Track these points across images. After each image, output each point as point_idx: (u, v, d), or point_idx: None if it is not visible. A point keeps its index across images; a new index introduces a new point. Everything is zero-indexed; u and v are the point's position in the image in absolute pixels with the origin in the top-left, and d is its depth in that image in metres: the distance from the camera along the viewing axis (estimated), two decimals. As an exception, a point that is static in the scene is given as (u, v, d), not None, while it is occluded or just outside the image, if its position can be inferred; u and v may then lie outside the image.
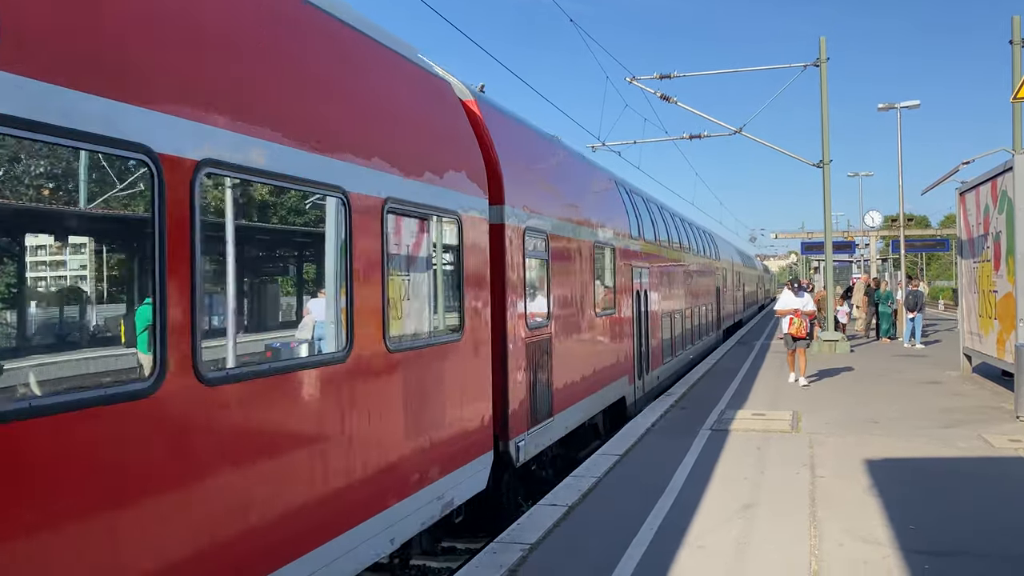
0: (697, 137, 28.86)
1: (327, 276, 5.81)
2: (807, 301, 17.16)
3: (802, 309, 16.78)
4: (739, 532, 7.23)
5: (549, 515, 7.79)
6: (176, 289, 4.01)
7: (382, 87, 6.78)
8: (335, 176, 5.50)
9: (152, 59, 3.98)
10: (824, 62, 24.22)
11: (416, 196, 6.78)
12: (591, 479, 9.14)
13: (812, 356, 22.87)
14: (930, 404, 13.91)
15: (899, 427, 11.89)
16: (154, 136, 3.90)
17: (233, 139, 4.48)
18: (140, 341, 4.26)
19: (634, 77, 25.42)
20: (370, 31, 6.59)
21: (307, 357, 5.47)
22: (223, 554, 4.31)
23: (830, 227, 26.26)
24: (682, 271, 21.67)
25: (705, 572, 6.30)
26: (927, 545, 6.77)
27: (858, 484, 8.73)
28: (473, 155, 8.25)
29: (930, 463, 9.74)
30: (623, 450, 10.64)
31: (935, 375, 17.88)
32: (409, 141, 6.95)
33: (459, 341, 7.49)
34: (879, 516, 7.58)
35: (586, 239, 11.97)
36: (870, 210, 39.89)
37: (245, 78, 4.74)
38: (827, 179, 24.98)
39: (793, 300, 16.97)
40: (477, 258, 8.01)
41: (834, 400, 14.55)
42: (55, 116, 3.39)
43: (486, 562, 6.54)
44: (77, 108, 3.49)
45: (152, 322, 3.93)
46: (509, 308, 8.67)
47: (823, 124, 24.60)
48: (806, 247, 43.20)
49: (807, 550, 6.72)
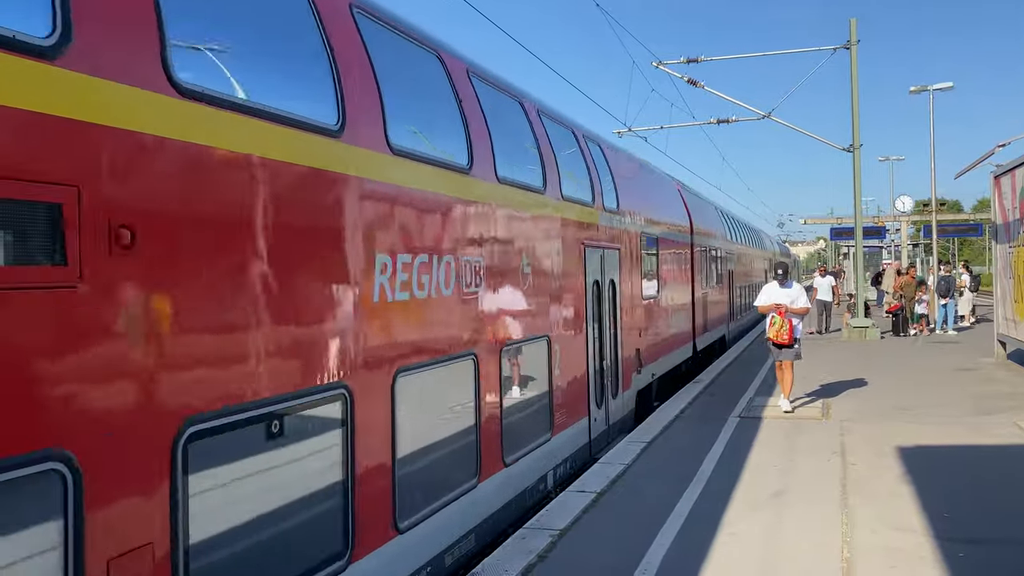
0: (725, 122, 28.52)
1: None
2: (796, 294, 12.36)
3: (788, 306, 12.13)
4: (770, 520, 7.18)
5: (578, 502, 7.79)
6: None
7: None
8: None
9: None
10: (854, 44, 23.80)
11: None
12: (619, 466, 9.12)
13: (841, 344, 22.57)
14: (963, 391, 13.70)
15: (932, 414, 11.73)
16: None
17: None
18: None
19: (661, 62, 25.18)
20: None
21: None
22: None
23: (860, 212, 25.90)
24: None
25: (736, 559, 6.27)
26: (962, 533, 6.68)
27: (890, 472, 8.63)
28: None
29: (964, 451, 9.60)
30: (651, 437, 10.61)
31: (968, 362, 17.60)
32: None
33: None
34: (912, 504, 7.49)
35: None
36: (901, 195, 39.33)
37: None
38: (857, 164, 24.61)
39: (777, 293, 12.39)
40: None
41: (865, 387, 14.38)
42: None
43: (516, 548, 6.56)
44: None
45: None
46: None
47: (853, 108, 24.20)
48: (835, 233, 42.70)
49: (839, 537, 6.65)
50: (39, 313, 3.13)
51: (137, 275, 3.53)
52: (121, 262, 3.44)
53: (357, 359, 5.18)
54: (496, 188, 7.63)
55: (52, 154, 3.19)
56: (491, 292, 7.38)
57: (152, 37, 3.72)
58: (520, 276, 8.14)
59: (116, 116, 3.48)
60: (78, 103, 3.29)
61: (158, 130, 3.70)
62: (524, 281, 8.22)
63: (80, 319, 3.29)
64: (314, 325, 4.80)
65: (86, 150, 3.33)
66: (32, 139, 3.12)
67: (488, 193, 7.45)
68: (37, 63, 3.14)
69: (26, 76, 3.10)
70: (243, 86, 4.43)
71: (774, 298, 12.32)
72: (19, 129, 3.06)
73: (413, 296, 5.96)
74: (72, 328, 3.25)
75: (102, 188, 3.37)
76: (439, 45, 7.23)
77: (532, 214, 8.61)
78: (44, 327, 3.14)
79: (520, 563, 6.19)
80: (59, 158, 3.22)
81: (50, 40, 3.20)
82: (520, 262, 8.15)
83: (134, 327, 3.52)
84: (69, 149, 3.26)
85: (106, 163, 3.41)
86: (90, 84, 3.36)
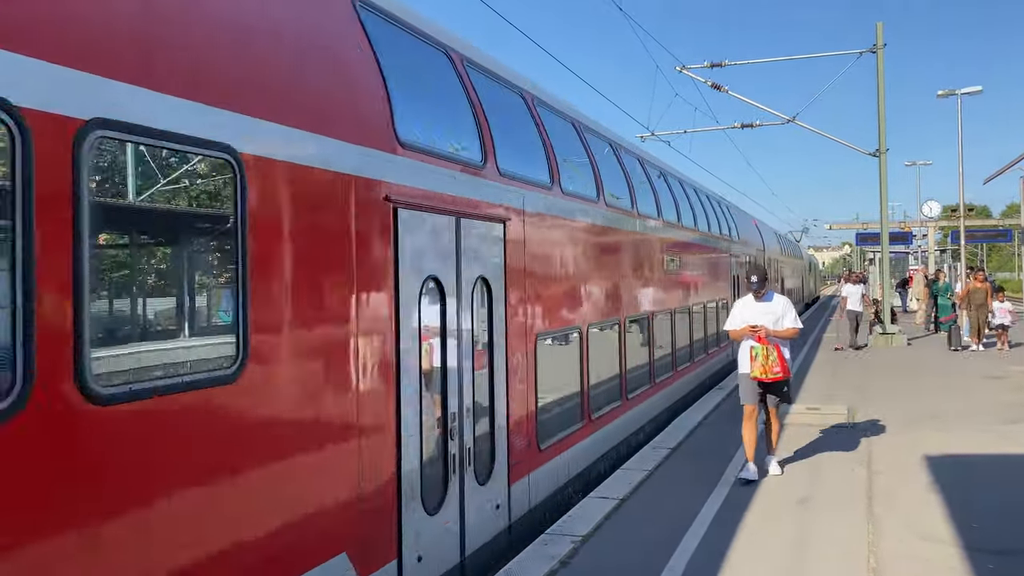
0: (749, 126, 28.38)
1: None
2: (781, 311, 8.77)
3: (769, 328, 8.53)
4: (795, 526, 7.10)
5: (600, 507, 7.75)
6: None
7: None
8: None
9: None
10: (881, 48, 23.59)
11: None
12: (642, 472, 9.07)
13: (866, 350, 22.19)
14: (992, 399, 13.49)
15: (960, 422, 11.55)
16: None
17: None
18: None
19: (684, 66, 25.08)
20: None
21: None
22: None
23: (886, 217, 25.62)
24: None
25: (760, 567, 6.20)
26: (992, 544, 6.57)
27: (917, 480, 8.51)
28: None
29: (993, 460, 9.44)
30: (675, 443, 10.54)
31: (997, 369, 17.33)
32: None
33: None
34: (940, 513, 7.38)
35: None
36: (928, 200, 38.84)
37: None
38: (883, 168, 24.37)
39: (754, 310, 8.77)
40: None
41: (891, 394, 14.20)
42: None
43: (537, 553, 6.54)
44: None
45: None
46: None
47: (879, 112, 23.97)
48: (861, 238, 42.22)
49: (865, 546, 6.57)
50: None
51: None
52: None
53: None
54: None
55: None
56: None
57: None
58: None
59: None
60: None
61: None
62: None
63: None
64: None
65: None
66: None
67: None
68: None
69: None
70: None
71: (750, 317, 8.72)
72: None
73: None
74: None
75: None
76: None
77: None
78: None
79: (542, 569, 6.18)
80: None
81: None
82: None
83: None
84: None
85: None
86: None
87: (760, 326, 8.52)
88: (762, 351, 8.45)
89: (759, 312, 8.72)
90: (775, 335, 8.58)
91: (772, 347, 8.46)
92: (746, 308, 8.87)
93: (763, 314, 8.68)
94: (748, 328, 8.60)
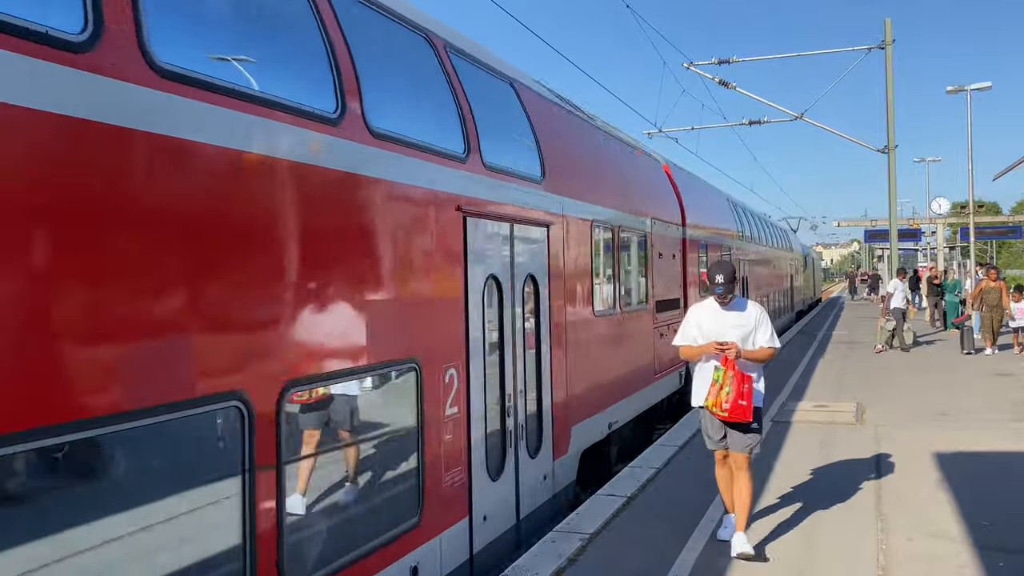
0: (757, 123, 28.35)
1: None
2: (755, 321, 6.38)
3: (740, 347, 6.21)
4: (804, 525, 7.08)
5: (608, 505, 7.75)
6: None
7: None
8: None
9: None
10: (889, 44, 23.52)
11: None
12: (650, 470, 9.06)
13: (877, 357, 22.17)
14: (1001, 396, 13.42)
15: (969, 420, 11.50)
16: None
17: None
18: None
19: (692, 63, 25.07)
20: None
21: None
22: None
23: (895, 214, 25.56)
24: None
25: (769, 565, 6.20)
26: (1002, 542, 6.54)
27: (927, 478, 8.48)
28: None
29: (1003, 457, 9.40)
30: (683, 441, 10.53)
31: (1006, 367, 17.25)
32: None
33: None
34: (950, 511, 7.35)
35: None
36: (937, 196, 38.70)
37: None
38: (892, 165, 24.29)
39: (716, 319, 6.41)
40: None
41: (900, 391, 14.15)
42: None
43: (546, 551, 6.54)
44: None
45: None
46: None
47: (888, 108, 23.90)
48: (870, 235, 42.17)
49: (874, 545, 6.55)
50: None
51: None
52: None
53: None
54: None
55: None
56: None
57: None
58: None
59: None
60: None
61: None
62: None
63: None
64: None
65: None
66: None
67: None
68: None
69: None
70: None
71: (712, 330, 6.38)
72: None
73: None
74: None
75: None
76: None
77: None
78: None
79: (551, 566, 6.18)
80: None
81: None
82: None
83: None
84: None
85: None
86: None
87: (730, 343, 6.19)
88: (725, 376, 6.14)
89: (727, 324, 6.36)
90: (748, 357, 6.28)
91: (737, 374, 6.14)
92: (707, 318, 6.48)
93: (732, 327, 6.34)
94: (714, 345, 6.24)
